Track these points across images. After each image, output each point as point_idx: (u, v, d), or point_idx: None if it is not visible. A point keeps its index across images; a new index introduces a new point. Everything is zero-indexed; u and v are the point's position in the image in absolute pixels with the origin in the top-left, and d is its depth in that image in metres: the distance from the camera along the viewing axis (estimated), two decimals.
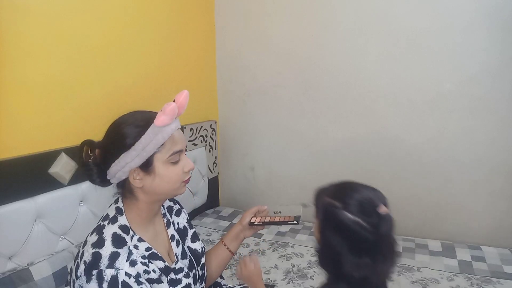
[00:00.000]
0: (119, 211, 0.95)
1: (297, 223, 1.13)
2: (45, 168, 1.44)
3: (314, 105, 2.38)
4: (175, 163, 0.95)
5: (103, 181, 0.96)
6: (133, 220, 0.95)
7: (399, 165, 2.23)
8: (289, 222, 1.14)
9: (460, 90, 2.04)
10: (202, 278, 1.13)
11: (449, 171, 2.13)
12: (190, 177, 0.99)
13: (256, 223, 1.19)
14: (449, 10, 2.00)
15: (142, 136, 0.89)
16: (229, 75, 2.62)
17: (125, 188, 0.97)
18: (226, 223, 2.32)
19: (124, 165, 0.90)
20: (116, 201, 0.99)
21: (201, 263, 1.14)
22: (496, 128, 2.01)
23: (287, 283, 1.68)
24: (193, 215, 2.39)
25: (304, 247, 2.00)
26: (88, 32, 1.64)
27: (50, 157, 1.46)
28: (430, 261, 1.85)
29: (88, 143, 0.95)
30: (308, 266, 1.81)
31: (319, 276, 1.47)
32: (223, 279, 1.34)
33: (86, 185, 1.55)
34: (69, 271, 0.97)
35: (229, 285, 1.35)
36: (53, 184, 1.46)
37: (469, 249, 1.96)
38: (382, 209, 0.79)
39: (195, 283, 1.07)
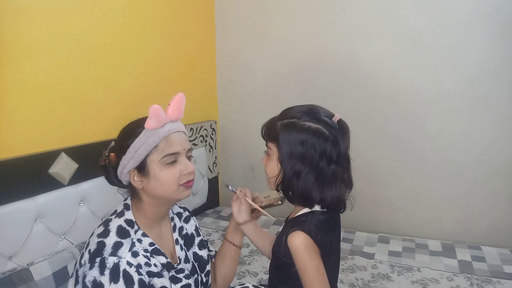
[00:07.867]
0: (126, 207, 1.00)
1: (282, 203, 1.15)
2: (45, 168, 1.44)
3: None
4: (171, 165, 0.94)
5: (120, 182, 1.01)
6: (139, 218, 0.99)
7: (399, 165, 2.24)
8: (274, 204, 1.16)
9: (460, 90, 2.04)
10: (205, 285, 1.13)
11: (449, 171, 2.13)
12: (191, 181, 0.98)
13: None
14: (449, 10, 2.00)
15: (135, 139, 0.93)
16: (229, 75, 2.62)
17: (131, 189, 1.01)
18: (226, 223, 2.32)
19: (123, 167, 0.95)
20: (126, 198, 1.03)
21: (206, 269, 1.14)
22: (496, 128, 2.01)
23: None
24: (193, 215, 2.39)
25: None
26: (89, 32, 1.64)
27: (50, 157, 1.46)
28: (430, 261, 1.85)
29: (106, 147, 1.01)
30: None
31: None
32: None
33: (86, 185, 1.56)
34: (74, 266, 0.98)
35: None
36: (53, 184, 1.46)
37: (469, 249, 1.96)
38: (336, 117, 0.88)
39: (196, 287, 1.07)
